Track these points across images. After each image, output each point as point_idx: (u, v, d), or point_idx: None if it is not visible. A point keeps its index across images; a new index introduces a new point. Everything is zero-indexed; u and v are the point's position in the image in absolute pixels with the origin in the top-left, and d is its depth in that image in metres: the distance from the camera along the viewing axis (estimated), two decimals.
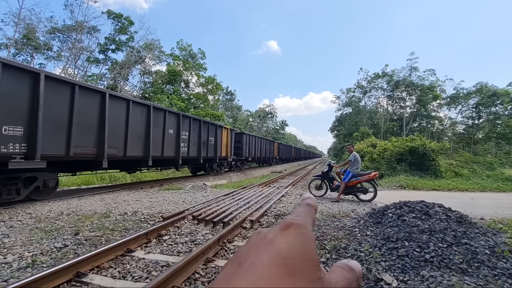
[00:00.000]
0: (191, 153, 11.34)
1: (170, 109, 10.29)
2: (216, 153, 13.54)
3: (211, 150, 13.22)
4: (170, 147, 9.97)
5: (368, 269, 2.73)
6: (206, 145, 12.66)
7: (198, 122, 11.96)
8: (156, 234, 3.90)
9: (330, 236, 3.81)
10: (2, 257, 3.05)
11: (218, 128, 13.95)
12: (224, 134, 14.88)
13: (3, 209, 5.26)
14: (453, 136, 36.34)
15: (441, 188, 10.14)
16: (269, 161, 27.04)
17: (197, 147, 11.88)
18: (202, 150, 12.17)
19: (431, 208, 3.81)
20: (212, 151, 13.38)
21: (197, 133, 11.88)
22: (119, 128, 7.61)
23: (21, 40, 19.95)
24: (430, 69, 36.18)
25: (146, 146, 8.64)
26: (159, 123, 9.33)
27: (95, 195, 7.21)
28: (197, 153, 11.89)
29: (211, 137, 13.18)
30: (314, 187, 7.87)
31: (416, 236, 3.13)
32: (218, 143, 13.89)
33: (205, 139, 12.52)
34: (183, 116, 10.83)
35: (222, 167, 15.43)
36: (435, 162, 13.77)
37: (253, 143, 20.29)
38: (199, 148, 11.95)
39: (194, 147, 11.65)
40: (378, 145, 16.52)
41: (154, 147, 8.91)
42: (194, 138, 11.54)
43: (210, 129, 13.06)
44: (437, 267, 2.62)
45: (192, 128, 11.31)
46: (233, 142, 16.25)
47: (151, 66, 28.09)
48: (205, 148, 12.51)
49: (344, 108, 46.13)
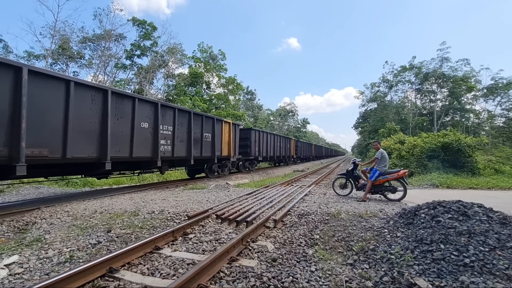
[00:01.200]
0: (177, 153, 9.36)
1: (143, 97, 8.12)
2: (213, 152, 11.61)
3: (206, 148, 11.21)
4: (144, 145, 7.92)
5: (400, 273, 2.58)
6: (200, 143, 10.69)
7: (186, 115, 9.97)
8: (182, 232, 4.00)
9: (357, 237, 3.67)
10: (44, 252, 3.30)
11: (216, 122, 11.83)
12: (224, 129, 12.79)
13: (44, 207, 5.70)
14: (491, 130, 33.41)
15: (479, 186, 9.37)
16: (286, 161, 24.86)
17: (186, 145, 9.91)
18: (194, 149, 10.20)
19: (470, 208, 3.52)
20: (209, 150, 11.40)
21: (186, 128, 9.91)
22: (51, 119, 5.55)
23: (57, 51, 21.53)
24: (463, 59, 33.51)
25: (101, 144, 6.57)
26: (125, 114, 7.30)
27: (125, 194, 7.58)
28: (187, 152, 9.93)
29: (206, 133, 11.16)
30: (338, 186, 7.64)
31: (453, 239, 2.91)
32: (217, 140, 11.86)
33: (198, 135, 10.62)
34: (164, 107, 8.79)
35: (225, 169, 13.39)
36: (472, 159, 12.76)
37: (264, 141, 17.95)
38: (188, 147, 9.97)
39: (182, 145, 9.67)
40: (407, 142, 15.66)
41: (115, 145, 6.95)
42: (181, 134, 9.61)
43: (204, 123, 11.01)
44: (478, 273, 2.40)
45: (178, 121, 9.36)
46: (237, 138, 14.12)
47: (174, 69, 29.01)
48: (197, 147, 10.57)
49: (369, 103, 44.23)
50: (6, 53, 20.30)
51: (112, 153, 6.81)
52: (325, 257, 3.14)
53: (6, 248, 3.53)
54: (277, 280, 2.57)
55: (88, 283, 2.54)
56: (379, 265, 2.85)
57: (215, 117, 12.00)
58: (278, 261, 3.00)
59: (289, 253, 3.26)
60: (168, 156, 9.01)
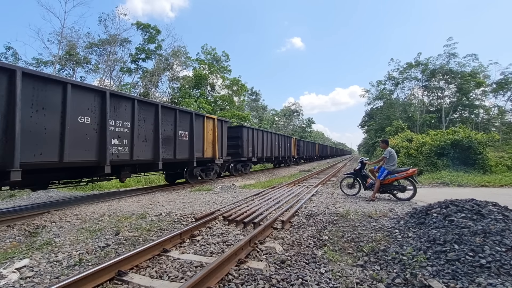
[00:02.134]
0: (139, 155, 7.50)
1: (81, 83, 6.35)
2: (192, 153, 9.72)
3: (182, 149, 9.33)
4: (84, 145, 6.10)
5: (413, 274, 2.51)
6: (172, 143, 8.89)
7: (152, 108, 8.12)
8: (189, 235, 4.00)
9: (367, 237, 3.60)
10: (54, 256, 3.32)
11: (195, 118, 9.94)
12: (207, 126, 10.89)
13: (54, 211, 5.77)
14: (502, 126, 32.62)
15: (491, 184, 9.15)
16: (286, 161, 23.17)
17: (153, 145, 8.06)
18: (163, 150, 8.42)
19: (484, 207, 3.41)
20: (185, 151, 9.52)
21: (152, 124, 8.06)
22: None
23: (64, 56, 21.92)
24: (471, 54, 32.82)
25: (4, 146, 4.76)
26: (50, 105, 5.49)
27: (132, 197, 7.64)
28: (153, 154, 8.05)
29: (182, 130, 9.32)
30: (346, 185, 7.55)
31: (468, 239, 2.82)
32: (197, 139, 10.07)
33: (170, 133, 8.82)
34: (116, 97, 6.89)
35: (210, 172, 11.58)
36: (483, 156, 12.45)
37: (259, 140, 16.11)
38: (155, 147, 8.10)
39: (146, 145, 7.82)
40: (415, 139, 15.40)
41: (34, 147, 5.18)
42: (144, 131, 7.77)
43: (179, 119, 9.15)
44: (496, 274, 2.32)
45: (139, 116, 7.59)
46: (224, 137, 12.18)
47: (178, 72, 29.25)
48: (169, 147, 8.75)
49: (375, 101, 43.71)
50: (15, 60, 20.77)
51: (26, 157, 5.00)
52: (334, 258, 3.09)
53: (17, 251, 3.57)
54: (286, 282, 2.53)
55: (97, 287, 2.54)
56: (390, 266, 2.78)
57: (194, 112, 10.13)
58: (286, 263, 2.96)
59: (298, 254, 3.21)
60: (125, 159, 7.13)
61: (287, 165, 23.50)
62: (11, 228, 4.69)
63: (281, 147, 20.66)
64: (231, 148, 13.56)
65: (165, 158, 8.57)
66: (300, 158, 28.77)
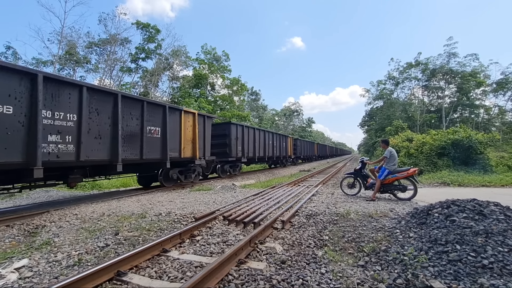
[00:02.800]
0: (89, 154, 6.18)
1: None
2: (165, 153, 8.44)
3: (152, 148, 8.05)
4: (3, 143, 4.77)
5: (415, 275, 2.49)
6: (139, 140, 7.58)
7: (110, 98, 6.76)
8: (189, 235, 3.98)
9: (368, 237, 3.58)
10: (53, 256, 3.30)
11: (169, 112, 8.66)
12: (186, 122, 9.56)
13: (53, 210, 5.76)
14: (502, 126, 32.59)
15: (492, 184, 9.13)
16: (282, 162, 22.08)
17: (110, 143, 6.75)
18: (125, 149, 7.12)
19: (486, 207, 3.39)
20: (157, 150, 8.25)
21: (110, 118, 6.75)
22: None
23: (64, 56, 21.90)
24: (472, 54, 32.81)
25: None
26: None
27: (132, 197, 7.62)
28: (110, 154, 6.73)
29: (151, 126, 8.04)
30: (346, 185, 7.52)
31: (470, 239, 2.80)
32: (171, 136, 8.79)
33: (135, 129, 7.48)
34: (53, 82, 5.55)
35: (191, 174, 10.29)
36: (484, 156, 12.45)
37: (250, 138, 14.83)
38: (114, 145, 6.80)
39: (101, 143, 6.50)
40: (415, 139, 15.39)
41: None
42: (98, 126, 6.43)
43: (147, 112, 7.84)
44: (498, 275, 2.29)
45: (90, 107, 6.24)
46: (208, 135, 10.87)
47: (178, 71, 29.23)
48: (133, 145, 7.43)
49: (375, 101, 43.75)
50: (15, 59, 20.75)
51: None
52: (335, 258, 3.07)
53: (16, 251, 3.56)
54: (286, 283, 2.51)
55: (97, 287, 2.52)
56: (392, 266, 2.76)
57: (167, 105, 8.81)
58: (287, 263, 2.94)
59: (298, 254, 3.19)
60: (69, 160, 5.79)
61: (283, 166, 22.47)
62: (10, 228, 4.67)
63: (276, 147, 19.45)
64: (217, 147, 12.56)
65: (128, 158, 7.22)
66: (297, 158, 27.81)
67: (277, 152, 19.55)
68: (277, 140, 19.69)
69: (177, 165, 9.64)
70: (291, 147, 23.80)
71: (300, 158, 29.51)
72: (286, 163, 23.14)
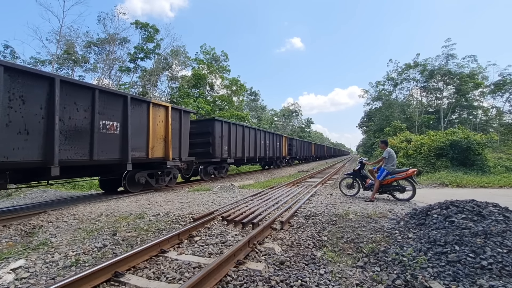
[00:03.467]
0: (8, 154, 4.94)
1: None
2: (125, 152, 7.20)
3: (107, 146, 6.82)
4: None
5: (413, 276, 2.48)
6: (88, 136, 6.32)
7: (44, 83, 5.45)
8: (188, 235, 3.96)
9: (367, 238, 3.57)
10: (50, 256, 3.28)
11: (131, 104, 7.42)
12: (155, 116, 8.38)
13: (51, 211, 5.72)
14: (500, 127, 32.77)
15: (490, 185, 9.16)
16: (276, 163, 20.85)
17: (42, 139, 5.47)
18: (65, 147, 5.85)
19: (484, 208, 3.39)
20: (114, 149, 7.02)
21: (42, 108, 5.45)
22: None
23: (62, 56, 21.80)
24: (470, 55, 32.99)
25: None
26: None
27: (130, 197, 7.58)
28: (42, 153, 5.45)
29: (107, 120, 6.80)
30: (345, 186, 7.53)
31: (469, 240, 2.79)
32: (135, 132, 7.59)
33: (83, 123, 6.21)
34: None
35: (164, 177, 9.02)
36: (482, 157, 12.50)
37: (238, 137, 13.62)
38: (47, 142, 5.52)
39: (28, 139, 5.23)
40: (414, 140, 15.43)
41: None
42: (24, 118, 5.16)
43: (100, 103, 6.58)
44: (497, 276, 2.29)
45: (11, 93, 4.97)
46: (184, 132, 9.66)
47: (177, 71, 29.16)
48: (79, 143, 6.13)
49: (374, 102, 43.89)
50: (13, 59, 20.64)
51: None
52: (334, 259, 3.06)
53: (13, 252, 3.52)
54: (285, 283, 2.50)
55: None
56: (391, 267, 2.75)
57: (130, 95, 7.49)
58: (286, 264, 2.93)
59: (297, 255, 3.18)
60: None
61: (277, 167, 21.18)
62: (7, 228, 4.63)
63: (269, 147, 18.13)
64: (199, 147, 11.44)
65: (71, 159, 5.93)
66: (293, 159, 26.61)
67: (269, 153, 18.39)
68: (270, 140, 18.45)
69: (146, 167, 8.51)
70: (285, 147, 22.67)
71: (296, 159, 28.55)
72: (281, 165, 21.89)
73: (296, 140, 27.26)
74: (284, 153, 22.21)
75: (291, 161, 26.07)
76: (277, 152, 20.12)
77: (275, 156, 19.61)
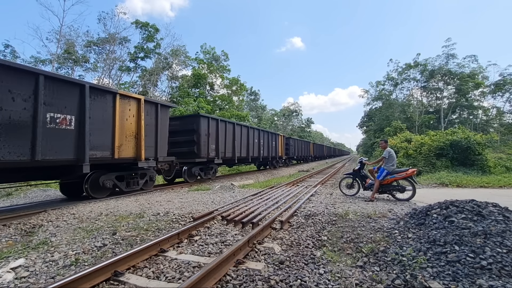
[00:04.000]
0: None
1: None
2: (81, 150, 6.21)
3: (57, 144, 5.77)
4: None
5: (413, 276, 2.48)
6: (30, 132, 5.29)
7: None
8: (187, 235, 3.96)
9: (367, 238, 3.57)
10: (50, 255, 3.28)
11: (90, 94, 6.41)
12: (123, 110, 7.37)
13: (51, 210, 5.72)
14: (500, 127, 32.74)
15: (490, 185, 9.15)
16: (271, 163, 19.93)
17: None
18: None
19: (484, 208, 3.39)
20: (68, 147, 6.01)
21: None
22: None
23: (62, 55, 21.80)
24: (471, 55, 32.97)
25: None
26: None
27: (130, 196, 7.58)
28: None
29: (56, 112, 5.73)
30: (345, 185, 7.52)
31: (468, 240, 2.79)
32: (96, 128, 6.60)
33: (24, 115, 5.18)
34: None
35: (137, 180, 8.16)
36: (482, 157, 12.48)
37: (228, 135, 12.56)
38: None
39: None
40: (414, 140, 15.42)
41: None
42: None
43: (48, 91, 5.56)
44: (497, 276, 2.29)
45: None
46: (162, 128, 8.71)
47: (177, 71, 29.15)
48: (19, 140, 5.13)
49: (374, 102, 43.84)
50: (14, 58, 20.64)
51: None
52: (333, 259, 3.06)
53: (13, 251, 3.53)
54: (285, 283, 2.50)
55: (93, 287, 2.50)
56: (390, 267, 2.75)
57: (89, 84, 6.42)
58: (285, 264, 2.93)
59: (297, 255, 3.18)
60: None
61: (273, 167, 20.12)
62: (7, 227, 4.64)
63: (263, 146, 16.90)
64: (182, 146, 10.53)
65: (2, 159, 4.87)
66: (290, 159, 25.50)
67: (264, 153, 17.11)
68: (264, 139, 17.16)
69: (113, 168, 7.52)
70: (282, 147, 21.35)
71: (294, 159, 27.64)
72: (277, 165, 20.71)
73: (293, 139, 26.23)
74: (281, 153, 21.00)
75: (289, 161, 25.13)
76: (273, 152, 18.94)
77: (270, 156, 18.42)
